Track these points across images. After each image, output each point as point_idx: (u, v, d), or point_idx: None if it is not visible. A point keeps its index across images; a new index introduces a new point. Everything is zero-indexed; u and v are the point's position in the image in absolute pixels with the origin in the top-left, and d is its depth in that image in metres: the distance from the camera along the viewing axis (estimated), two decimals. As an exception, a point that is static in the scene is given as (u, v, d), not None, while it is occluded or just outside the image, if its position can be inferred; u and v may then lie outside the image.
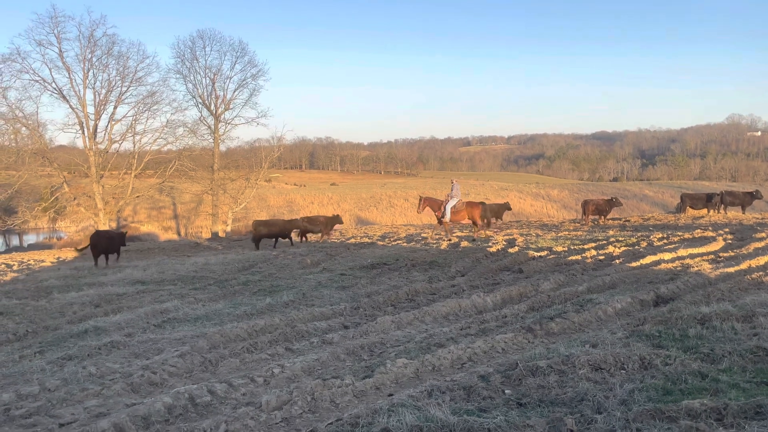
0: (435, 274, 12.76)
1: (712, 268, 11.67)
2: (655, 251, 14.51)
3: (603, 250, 15.33)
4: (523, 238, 19.74)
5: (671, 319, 7.31)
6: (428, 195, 21.03)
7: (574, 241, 18.17)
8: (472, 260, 14.49)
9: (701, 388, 5.06)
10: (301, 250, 19.18)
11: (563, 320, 7.79)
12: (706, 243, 15.90)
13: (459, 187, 21.40)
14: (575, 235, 20.69)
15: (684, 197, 31.94)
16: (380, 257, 16.37)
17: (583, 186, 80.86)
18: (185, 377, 6.51)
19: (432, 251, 17.10)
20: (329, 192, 68.44)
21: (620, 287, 10.32)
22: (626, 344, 6.41)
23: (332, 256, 17.01)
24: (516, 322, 8.13)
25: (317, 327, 8.31)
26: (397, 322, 8.34)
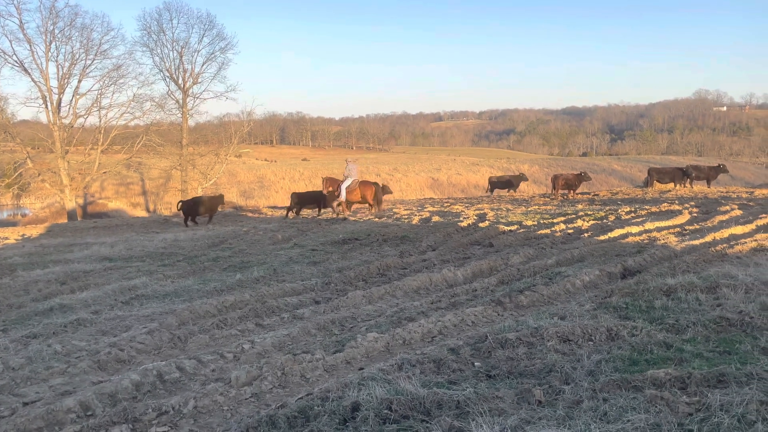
0: (406, 249, 12.78)
1: (678, 240, 11.88)
2: (623, 225, 14.72)
3: (572, 224, 15.50)
4: (493, 213, 19.86)
5: (638, 291, 7.42)
6: (331, 176, 21.24)
7: (543, 216, 18.34)
8: (443, 235, 14.54)
9: (666, 357, 5.15)
10: (272, 226, 19.05)
11: (532, 293, 7.86)
12: (673, 216, 16.17)
13: (356, 167, 21.67)
14: (545, 210, 20.88)
15: (651, 171, 32.41)
16: (352, 232, 16.34)
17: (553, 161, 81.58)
18: (154, 354, 6.44)
19: (403, 226, 17.11)
20: (301, 167, 68.04)
21: (588, 260, 10.45)
22: (594, 316, 6.50)
23: (303, 232, 16.93)
24: (486, 296, 8.19)
25: (288, 302, 8.27)
26: (368, 296, 8.34)
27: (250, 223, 21.22)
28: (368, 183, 21.44)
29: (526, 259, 10.84)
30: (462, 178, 64.18)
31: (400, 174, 61.92)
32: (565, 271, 9.24)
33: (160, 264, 12.53)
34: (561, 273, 9.12)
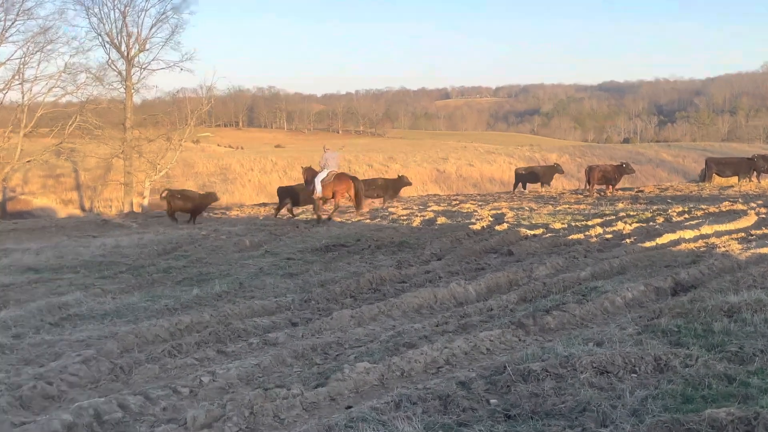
0: (405, 258, 12.81)
1: (743, 248, 11.95)
2: (674, 228, 14.80)
3: (611, 227, 15.58)
4: (513, 213, 19.92)
5: (693, 311, 7.46)
6: (312, 166, 21.63)
7: (575, 217, 18.41)
8: (450, 240, 14.59)
9: (728, 393, 5.17)
10: (237, 229, 19.06)
11: (562, 313, 7.89)
12: (736, 218, 16.28)
13: (336, 156, 21.66)
14: (577, 209, 20.96)
15: (710, 162, 32.59)
16: (337, 237, 16.36)
17: (588, 149, 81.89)
18: (90, 388, 6.43)
19: (402, 229, 17.16)
20: (273, 156, 68.03)
21: (631, 272, 10.50)
22: (638, 342, 6.52)
23: (277, 236, 16.95)
24: (504, 316, 8.21)
25: (258, 324, 8.27)
26: (357, 317, 8.35)
27: (210, 226, 21.21)
28: (345, 177, 21.36)
29: (554, 271, 10.87)
30: (474, 169, 64.32)
31: (398, 164, 61.94)
32: (603, 285, 9.28)
33: (98, 276, 12.49)
34: (597, 288, 9.16)
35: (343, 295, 9.85)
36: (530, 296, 9.23)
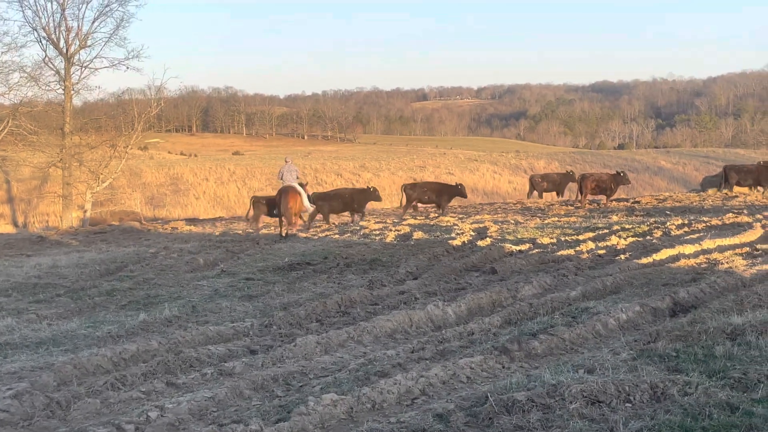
0: (377, 277, 12.82)
1: (748, 264, 12.11)
2: (673, 243, 14.96)
3: (604, 241, 15.72)
4: (497, 227, 20.01)
5: (693, 334, 7.54)
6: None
7: (565, 231, 18.53)
8: (428, 257, 14.64)
9: (730, 424, 5.23)
10: (190, 246, 18.97)
11: (550, 337, 7.94)
12: (740, 231, 16.47)
13: (295, 170, 22.70)
14: (567, 222, 21.10)
15: (729, 171, 32.80)
16: (302, 254, 16.35)
17: (579, 156, 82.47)
18: (23, 427, 6.36)
19: (374, 246, 17.18)
20: (231, 164, 67.77)
21: (626, 291, 10.61)
22: (633, 368, 6.58)
23: (234, 254, 16.90)
24: (486, 341, 8.25)
25: (212, 353, 8.24)
26: (324, 343, 8.35)
27: (159, 242, 21.10)
28: (291, 190, 21.90)
29: (542, 291, 10.95)
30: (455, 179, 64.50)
31: (369, 173, 62.08)
32: (595, 306, 9.37)
33: (32, 300, 12.37)
34: (588, 309, 9.24)
35: (308, 319, 9.84)
36: (515, 319, 9.28)
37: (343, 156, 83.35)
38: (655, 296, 9.83)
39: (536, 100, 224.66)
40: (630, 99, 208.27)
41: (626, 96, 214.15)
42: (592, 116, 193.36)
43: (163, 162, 69.26)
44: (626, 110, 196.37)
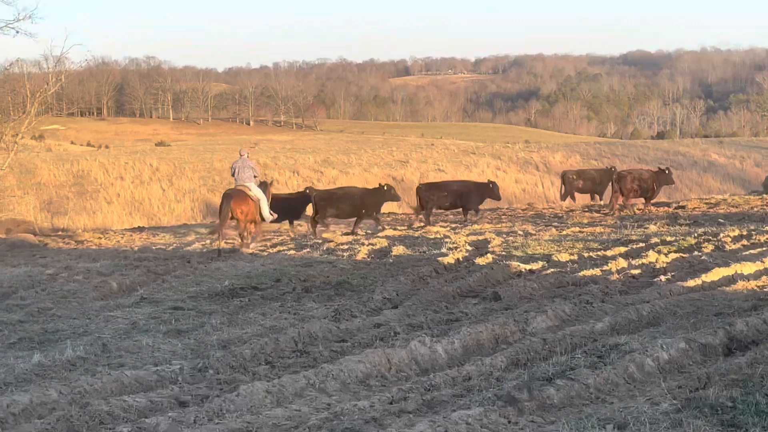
0: (346, 306, 12.77)
1: (823, 288, 12.18)
2: (728, 260, 15.01)
3: (639, 259, 15.74)
4: (501, 240, 20.03)
5: (753, 378, 7.56)
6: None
7: (589, 245, 18.57)
8: (411, 280, 14.59)
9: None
10: (100, 266, 18.84)
11: (569, 382, 7.94)
12: (813, 245, 16.58)
13: (251, 166, 22.98)
14: (592, 233, 21.16)
15: None
16: (247, 276, 16.25)
17: (607, 147, 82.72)
18: None
19: (341, 264, 17.13)
20: (153, 158, 67.49)
21: (667, 323, 10.61)
22: (677, 423, 6.59)
23: (158, 276, 16.78)
24: (488, 388, 8.23)
25: (129, 405, 8.17)
26: (275, 392, 8.30)
27: (59, 261, 20.94)
28: (237, 195, 22.24)
29: (559, 323, 10.95)
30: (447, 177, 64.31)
31: (336, 170, 62.08)
32: (627, 343, 9.35)
33: None
34: (619, 347, 9.22)
35: (256, 360, 9.77)
36: (524, 359, 9.26)
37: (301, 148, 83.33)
38: (705, 329, 9.82)
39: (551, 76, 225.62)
40: (672, 74, 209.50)
41: (667, 70, 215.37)
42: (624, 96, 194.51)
43: (65, 156, 68.82)
44: (667, 88, 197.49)
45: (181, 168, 60.66)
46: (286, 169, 61.63)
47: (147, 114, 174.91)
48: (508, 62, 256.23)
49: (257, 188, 22.83)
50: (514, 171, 66.37)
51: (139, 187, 55.37)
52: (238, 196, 21.82)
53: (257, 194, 22.50)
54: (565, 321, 11.11)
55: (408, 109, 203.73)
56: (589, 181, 35.54)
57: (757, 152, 75.38)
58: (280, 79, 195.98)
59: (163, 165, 62.04)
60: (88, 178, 57.35)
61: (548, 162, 68.78)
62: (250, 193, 22.26)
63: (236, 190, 22.09)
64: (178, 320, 12.54)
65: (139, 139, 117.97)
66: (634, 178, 29.19)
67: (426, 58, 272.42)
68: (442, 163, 68.22)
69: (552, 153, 73.62)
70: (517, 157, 71.68)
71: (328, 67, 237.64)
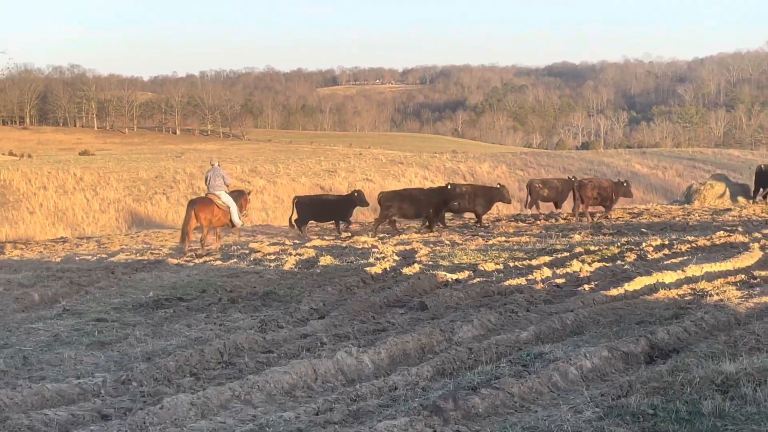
0: (272, 316, 12.72)
1: (743, 296, 12.38)
2: (650, 269, 15.21)
3: (563, 268, 15.89)
4: (428, 250, 20.10)
5: (674, 385, 7.66)
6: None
7: (515, 254, 18.71)
8: (338, 290, 14.57)
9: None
10: (21, 277, 18.55)
11: (494, 391, 7.97)
12: (734, 254, 16.83)
13: (222, 174, 24.08)
14: (517, 243, 21.31)
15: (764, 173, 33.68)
16: (172, 287, 16.11)
17: (533, 157, 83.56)
18: None
19: (268, 275, 17.05)
20: (77, 167, 66.70)
21: (591, 332, 10.72)
22: (599, 431, 6.66)
23: (81, 287, 16.54)
24: (413, 398, 8.24)
25: (51, 419, 8.05)
26: (200, 404, 8.23)
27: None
28: (201, 202, 23.30)
29: (484, 332, 11.00)
30: (374, 186, 64.59)
31: (263, 180, 61.85)
32: (551, 351, 9.44)
33: None
34: (543, 355, 9.31)
35: (180, 372, 9.69)
36: (450, 368, 9.29)
37: (229, 157, 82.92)
38: (628, 338, 9.93)
39: (478, 86, 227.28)
40: (596, 85, 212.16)
41: (591, 81, 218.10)
42: (549, 107, 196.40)
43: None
44: (591, 100, 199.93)
45: (105, 178, 60.03)
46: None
47: (71, 123, 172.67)
48: (435, 73, 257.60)
49: (228, 196, 23.51)
50: (442, 180, 66.51)
51: (62, 197, 54.65)
52: (202, 203, 22.71)
53: (227, 202, 23.27)
54: (491, 330, 11.18)
55: (336, 119, 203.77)
56: (554, 190, 35.95)
57: (678, 163, 76.72)
58: (206, 88, 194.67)
59: (87, 174, 61.32)
60: (10, 188, 56.49)
61: (475, 172, 69.37)
62: (219, 201, 23.03)
63: (201, 198, 22.99)
64: (102, 332, 12.39)
65: (62, 148, 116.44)
66: (594, 186, 29.80)
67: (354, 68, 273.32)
68: (371, 173, 68.36)
69: (479, 163, 74.24)
70: (445, 167, 72.13)
71: (255, 76, 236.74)
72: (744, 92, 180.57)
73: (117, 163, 72.47)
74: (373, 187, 64.22)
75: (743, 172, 65.04)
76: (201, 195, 24.64)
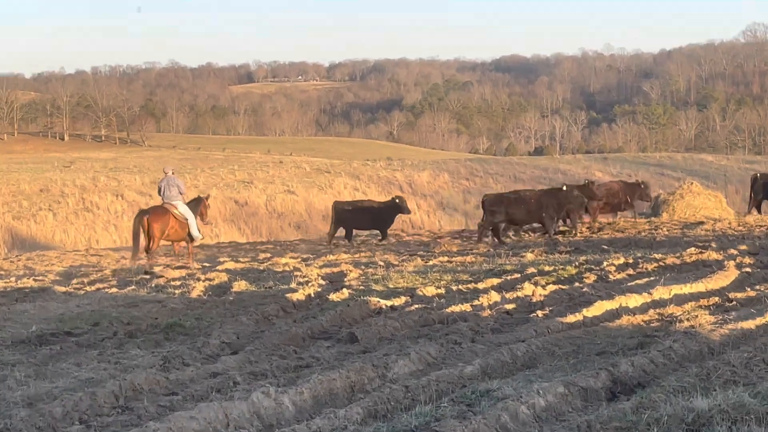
0: (177, 352, 12.60)
1: (717, 322, 12.50)
2: (612, 292, 15.28)
3: (514, 291, 15.94)
4: (359, 272, 20.08)
5: (639, 425, 7.69)
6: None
7: (458, 276, 18.74)
8: (254, 320, 14.48)
9: None
10: None
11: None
12: (707, 274, 16.99)
13: (177, 183, 24.82)
14: (462, 263, 21.34)
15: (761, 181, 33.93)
16: (59, 319, 15.91)
17: (480, 164, 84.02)
18: None
19: (172, 303, 16.92)
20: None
21: (545, 365, 10.74)
22: (555, 479, 6.69)
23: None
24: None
25: None
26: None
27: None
28: (155, 212, 23.89)
29: (423, 367, 10.97)
30: (297, 199, 64.47)
31: (167, 193, 61.44)
32: (500, 388, 9.43)
33: None
34: (491, 393, 9.30)
35: (68, 419, 9.56)
36: (384, 410, 9.26)
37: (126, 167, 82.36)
38: (587, 371, 9.94)
39: (416, 84, 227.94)
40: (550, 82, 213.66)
41: (545, 77, 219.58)
42: (497, 107, 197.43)
43: None
44: (545, 98, 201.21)
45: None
46: (107, 192, 60.80)
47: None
48: (366, 68, 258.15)
49: (185, 206, 23.99)
50: (375, 192, 66.78)
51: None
52: (157, 212, 23.16)
53: (184, 213, 23.72)
54: (431, 365, 11.15)
55: (252, 122, 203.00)
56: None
57: (645, 170, 77.34)
58: (100, 87, 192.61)
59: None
60: None
61: (414, 182, 69.63)
62: (175, 212, 23.47)
63: (155, 206, 23.47)
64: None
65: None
66: (607, 188, 29.78)
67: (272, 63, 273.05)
68: (293, 184, 68.28)
69: (418, 171, 74.50)
70: (379, 176, 72.27)
71: (157, 72, 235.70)
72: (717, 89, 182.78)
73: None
74: (296, 200, 64.25)
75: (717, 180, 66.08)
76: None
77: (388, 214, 30.62)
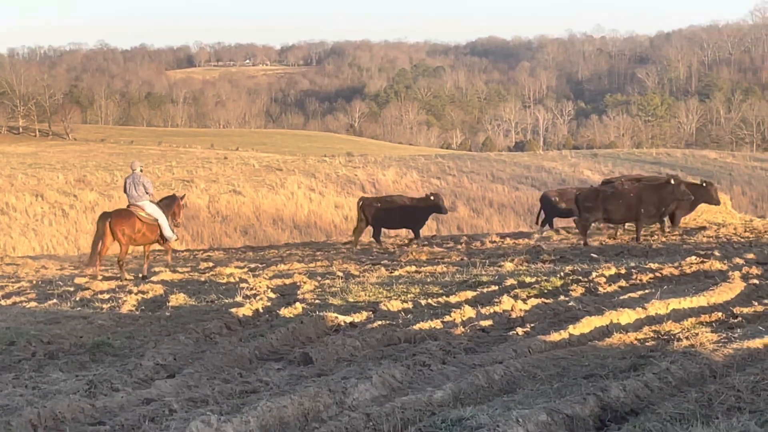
0: (105, 376, 12.55)
1: (720, 340, 12.55)
2: (602, 307, 15.33)
3: (490, 306, 15.95)
4: (314, 284, 20.06)
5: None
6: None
7: (428, 288, 18.73)
8: (195, 339, 14.46)
9: None
10: None
11: (399, 473, 7.97)
12: (709, 286, 17.04)
13: (143, 181, 24.78)
14: (432, 274, 21.33)
15: None
16: (-31, 338, 15.85)
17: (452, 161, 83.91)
18: None
19: (100, 319, 16.87)
20: None
21: (525, 390, 10.73)
22: None
23: None
24: (293, 482, 8.21)
25: None
26: (6, 495, 8.10)
27: None
28: (119, 215, 23.94)
29: (387, 392, 10.96)
30: (244, 200, 64.27)
31: (95, 192, 61.34)
32: (474, 416, 9.42)
33: None
34: (464, 421, 9.29)
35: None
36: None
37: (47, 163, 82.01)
38: (573, 396, 9.94)
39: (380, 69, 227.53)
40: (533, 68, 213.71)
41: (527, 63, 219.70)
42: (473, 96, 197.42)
43: None
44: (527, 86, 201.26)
45: None
46: (26, 191, 60.53)
47: None
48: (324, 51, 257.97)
49: (153, 206, 24.21)
50: (333, 193, 66.77)
51: None
52: (120, 216, 23.27)
53: (153, 213, 23.95)
54: (396, 390, 11.12)
55: (193, 112, 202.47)
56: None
57: (640, 168, 77.42)
58: (17, 71, 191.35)
59: None
60: None
61: (377, 181, 69.60)
62: (141, 214, 23.65)
63: (118, 209, 23.66)
64: None
65: None
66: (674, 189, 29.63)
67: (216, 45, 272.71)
68: (239, 183, 68.12)
69: (382, 169, 74.47)
70: (337, 174, 72.19)
71: (83, 54, 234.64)
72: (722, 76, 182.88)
73: None
74: (243, 201, 64.07)
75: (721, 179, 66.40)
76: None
77: (422, 212, 31.17)
